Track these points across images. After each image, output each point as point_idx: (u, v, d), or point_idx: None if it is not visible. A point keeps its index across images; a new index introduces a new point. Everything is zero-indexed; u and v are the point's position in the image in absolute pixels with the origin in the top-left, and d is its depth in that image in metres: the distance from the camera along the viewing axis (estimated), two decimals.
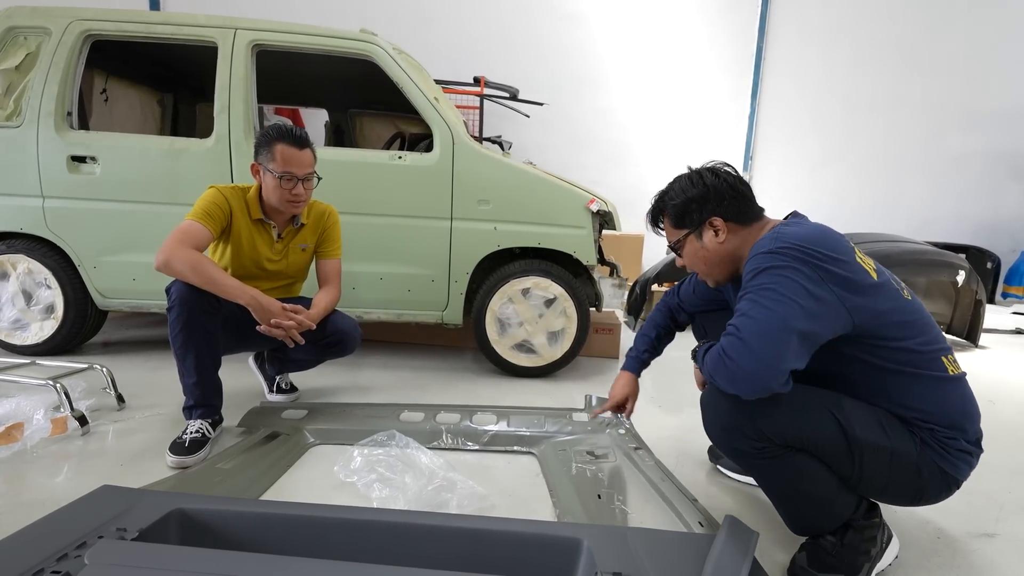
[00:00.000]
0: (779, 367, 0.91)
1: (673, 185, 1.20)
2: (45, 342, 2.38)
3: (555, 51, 5.81)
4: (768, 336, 0.91)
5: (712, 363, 0.98)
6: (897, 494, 1.05)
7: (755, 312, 0.93)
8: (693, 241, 1.18)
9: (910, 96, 5.96)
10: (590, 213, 2.37)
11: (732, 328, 0.96)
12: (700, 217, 1.15)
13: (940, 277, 3.26)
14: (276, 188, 1.63)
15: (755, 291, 0.96)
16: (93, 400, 1.76)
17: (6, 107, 2.27)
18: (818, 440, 0.99)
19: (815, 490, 1.03)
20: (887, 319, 0.99)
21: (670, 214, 1.20)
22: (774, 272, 0.95)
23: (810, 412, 1.00)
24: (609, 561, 0.97)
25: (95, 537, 0.94)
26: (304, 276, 1.93)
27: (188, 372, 1.57)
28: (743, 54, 5.92)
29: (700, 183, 1.15)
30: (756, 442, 1.01)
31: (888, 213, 6.04)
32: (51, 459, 1.46)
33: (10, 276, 2.36)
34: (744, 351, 0.92)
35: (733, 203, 1.13)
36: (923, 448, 1.01)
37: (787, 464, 1.01)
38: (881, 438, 0.99)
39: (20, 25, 2.27)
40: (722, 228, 1.13)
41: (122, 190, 2.29)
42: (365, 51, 2.28)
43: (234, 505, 1.10)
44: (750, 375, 0.92)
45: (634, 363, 1.55)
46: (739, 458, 1.06)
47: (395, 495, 1.28)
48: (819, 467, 1.01)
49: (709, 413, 1.09)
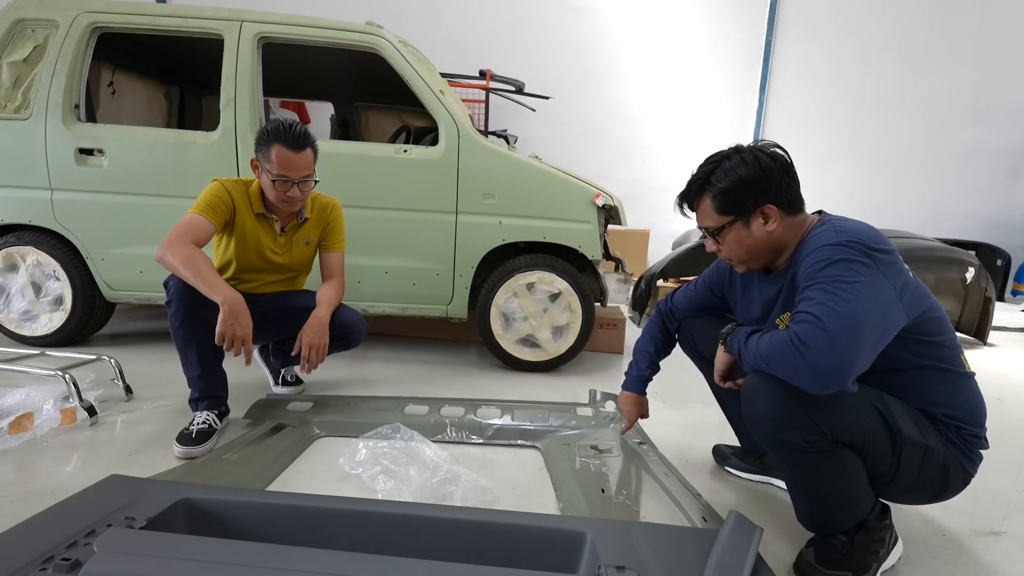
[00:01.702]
0: (857, 363, 0.86)
1: (721, 164, 1.06)
2: (54, 333, 2.41)
3: (562, 44, 5.77)
4: (851, 330, 0.85)
5: (777, 350, 0.91)
6: (920, 492, 1.04)
7: (835, 304, 0.87)
8: (739, 229, 1.07)
9: (919, 91, 5.88)
10: (596, 208, 2.35)
11: (809, 316, 0.88)
12: (753, 203, 1.03)
13: (949, 274, 3.22)
14: (271, 188, 1.63)
15: (829, 282, 0.89)
16: (101, 391, 1.78)
17: (14, 100, 2.29)
18: (866, 436, 0.97)
19: (846, 488, 1.01)
20: (927, 315, 0.98)
21: (715, 197, 1.06)
22: (846, 265, 0.90)
23: (859, 407, 0.97)
24: (612, 555, 0.97)
25: (104, 525, 0.95)
26: (308, 269, 1.94)
27: (191, 365, 1.57)
28: (752, 48, 5.86)
29: (755, 164, 1.03)
30: (809, 435, 0.95)
31: (896, 209, 5.98)
32: (61, 448, 1.48)
33: (19, 268, 2.38)
34: (825, 343, 0.85)
35: (788, 190, 1.04)
36: (948, 446, 1.00)
37: (832, 460, 0.98)
38: (918, 435, 0.99)
39: (28, 17, 2.28)
40: (774, 216, 1.04)
41: (129, 182, 2.30)
42: (371, 44, 2.27)
43: (240, 495, 1.11)
44: (830, 370, 0.85)
45: (638, 383, 1.49)
46: (784, 451, 1.00)
47: (400, 487, 1.29)
48: (858, 465, 0.99)
49: (757, 403, 0.99)
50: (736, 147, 1.08)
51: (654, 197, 5.57)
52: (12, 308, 2.39)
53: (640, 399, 1.50)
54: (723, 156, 1.08)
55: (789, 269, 1.08)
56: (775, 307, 1.13)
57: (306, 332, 1.64)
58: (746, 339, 1.02)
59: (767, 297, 1.16)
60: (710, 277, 1.38)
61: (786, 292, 1.09)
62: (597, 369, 2.57)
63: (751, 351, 0.99)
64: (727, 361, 1.18)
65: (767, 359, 0.94)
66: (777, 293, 1.12)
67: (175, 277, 1.53)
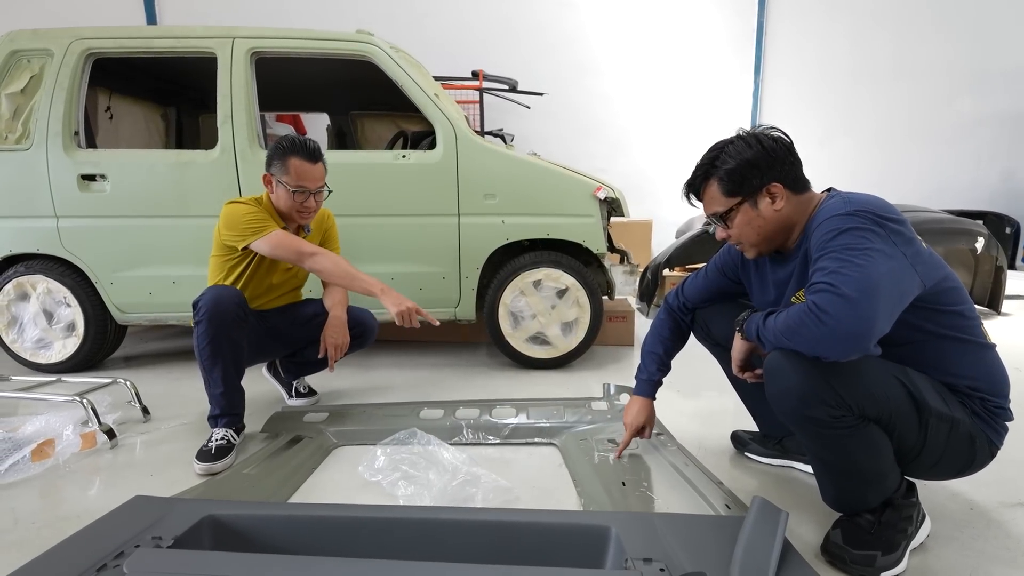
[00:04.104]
0: (877, 326, 0.86)
1: (725, 148, 1.08)
2: (68, 359, 2.43)
3: (554, 39, 5.75)
4: (867, 292, 0.85)
5: (796, 321, 0.91)
6: (947, 467, 1.03)
7: (849, 270, 0.87)
8: (748, 210, 1.08)
9: (915, 63, 5.82)
10: (597, 201, 2.35)
11: (825, 285, 0.88)
12: (759, 183, 1.05)
13: (958, 245, 3.19)
14: (288, 199, 1.67)
15: (840, 251, 0.90)
16: (119, 413, 1.79)
17: (15, 130, 2.30)
18: (892, 409, 0.96)
19: (873, 465, 1.00)
20: (943, 285, 0.98)
21: (722, 180, 1.08)
22: (856, 233, 0.90)
23: (884, 380, 0.97)
24: (638, 547, 0.97)
25: (132, 546, 0.96)
26: (305, 280, 1.97)
27: (215, 383, 1.59)
28: (744, 30, 5.82)
29: (758, 145, 1.05)
30: (835, 410, 0.94)
31: (898, 184, 5.92)
32: (83, 473, 1.49)
33: (30, 297, 2.40)
34: (844, 307, 0.85)
35: (792, 168, 1.06)
36: (974, 418, 1.00)
37: (859, 436, 0.96)
38: (943, 407, 0.98)
39: (23, 48, 2.29)
40: (781, 195, 1.06)
41: (132, 205, 2.31)
42: (363, 52, 2.27)
43: (264, 509, 1.12)
44: (850, 333, 0.85)
45: (647, 386, 1.45)
46: (809, 427, 0.98)
47: (420, 492, 1.29)
48: (884, 440, 0.99)
49: (781, 379, 0.98)
50: (737, 133, 1.10)
51: (654, 187, 5.55)
52: (26, 337, 2.41)
53: (645, 403, 1.45)
54: (726, 142, 1.10)
55: (800, 246, 1.08)
56: (789, 286, 1.13)
57: (328, 333, 1.77)
58: (764, 320, 1.01)
59: (780, 277, 1.15)
60: (721, 260, 1.36)
61: (799, 269, 1.09)
62: (608, 362, 2.57)
63: (770, 329, 0.98)
64: (745, 349, 1.17)
65: (786, 333, 0.94)
66: (790, 272, 1.12)
67: (208, 295, 1.55)
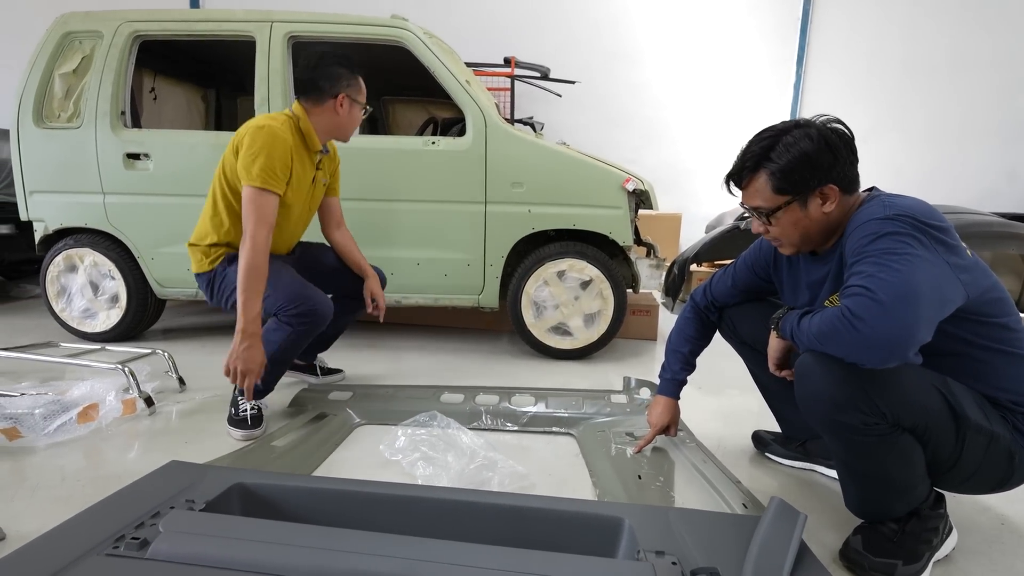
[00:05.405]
0: (916, 334, 0.82)
1: (781, 138, 0.99)
2: (112, 329, 2.56)
3: (586, 27, 5.64)
4: (906, 298, 0.81)
5: (829, 327, 0.88)
6: (982, 481, 1.00)
7: (886, 275, 0.83)
8: (795, 210, 1.00)
9: (977, 54, 5.47)
10: (626, 193, 2.32)
11: (860, 289, 0.85)
12: (815, 183, 0.98)
13: (1007, 250, 3.02)
14: (358, 119, 1.65)
15: (878, 255, 0.86)
16: (157, 383, 1.89)
17: (67, 109, 2.42)
18: (928, 420, 0.93)
19: (903, 475, 0.97)
20: (989, 295, 0.93)
21: (774, 175, 0.99)
22: (896, 238, 0.86)
23: (922, 389, 0.93)
24: (651, 540, 0.97)
25: (167, 508, 1.02)
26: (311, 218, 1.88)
27: (276, 374, 1.65)
28: (787, 19, 5.58)
29: (821, 141, 0.96)
30: (869, 417, 0.91)
31: (951, 183, 5.62)
32: (123, 436, 1.58)
33: (79, 269, 2.54)
34: (880, 313, 0.82)
35: (851, 169, 0.98)
36: (1015, 434, 0.95)
37: (891, 444, 0.93)
38: (983, 420, 0.94)
39: (75, 30, 2.39)
40: (834, 197, 0.98)
41: (174, 184, 2.40)
42: (397, 37, 2.29)
43: (289, 480, 1.16)
44: (887, 340, 0.82)
45: (671, 386, 1.43)
46: (840, 433, 0.95)
47: (438, 473, 1.32)
48: (918, 451, 0.95)
49: (813, 383, 0.95)
50: (795, 121, 1.01)
51: (685, 180, 5.42)
52: (73, 306, 2.55)
53: (670, 403, 1.44)
54: (782, 130, 1.00)
55: (836, 249, 1.04)
56: (823, 289, 1.09)
57: (376, 289, 1.87)
58: (798, 321, 0.98)
59: (814, 279, 1.12)
60: (752, 258, 1.32)
61: (834, 272, 1.05)
62: (630, 356, 2.55)
63: (804, 331, 0.95)
64: (781, 348, 1.12)
65: (819, 338, 0.91)
66: (825, 274, 1.08)
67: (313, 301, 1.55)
